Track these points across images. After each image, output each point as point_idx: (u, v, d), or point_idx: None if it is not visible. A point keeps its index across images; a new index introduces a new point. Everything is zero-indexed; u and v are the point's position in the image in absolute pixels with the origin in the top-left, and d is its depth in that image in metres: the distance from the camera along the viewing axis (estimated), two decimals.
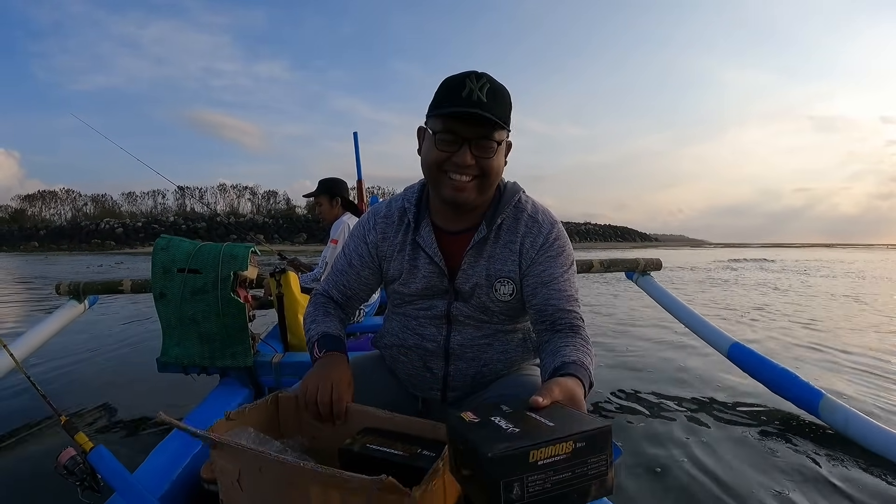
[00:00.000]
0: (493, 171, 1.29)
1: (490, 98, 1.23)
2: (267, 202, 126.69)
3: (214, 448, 1.08)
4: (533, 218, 1.40)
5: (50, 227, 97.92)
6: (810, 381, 2.75)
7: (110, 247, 78.74)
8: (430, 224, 1.42)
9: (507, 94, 1.29)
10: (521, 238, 1.38)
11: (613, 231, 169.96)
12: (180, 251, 2.20)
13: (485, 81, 1.23)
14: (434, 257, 1.40)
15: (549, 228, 1.39)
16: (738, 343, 3.16)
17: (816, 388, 2.66)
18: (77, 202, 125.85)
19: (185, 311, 2.18)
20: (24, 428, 2.59)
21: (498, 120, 1.23)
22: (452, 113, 1.23)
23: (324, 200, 3.86)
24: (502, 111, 1.26)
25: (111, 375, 3.55)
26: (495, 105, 1.23)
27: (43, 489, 1.96)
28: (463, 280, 1.40)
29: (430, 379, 1.49)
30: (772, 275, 15.73)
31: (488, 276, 1.38)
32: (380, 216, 1.49)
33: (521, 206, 1.42)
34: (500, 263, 1.38)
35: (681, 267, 19.33)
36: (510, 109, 1.30)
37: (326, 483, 0.93)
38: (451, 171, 1.28)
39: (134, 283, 3.30)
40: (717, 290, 10.62)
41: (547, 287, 1.35)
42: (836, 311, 7.33)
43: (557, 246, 1.38)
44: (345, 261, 1.54)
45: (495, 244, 1.39)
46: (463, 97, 1.22)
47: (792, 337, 5.16)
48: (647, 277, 3.88)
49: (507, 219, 1.40)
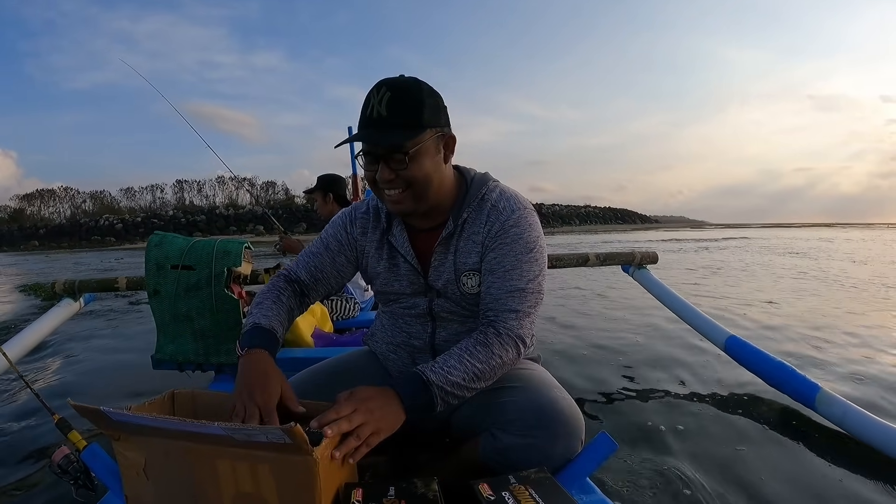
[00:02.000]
0: (417, 179, 1.28)
1: (391, 110, 1.22)
2: (266, 193, 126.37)
3: (117, 439, 1.09)
4: (495, 206, 1.38)
5: (49, 226, 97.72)
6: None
7: (110, 243, 78.63)
8: (401, 223, 1.44)
9: (416, 93, 1.26)
10: (483, 228, 1.37)
11: (613, 213, 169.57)
12: (174, 248, 2.20)
13: (385, 91, 1.23)
14: (407, 256, 1.42)
15: (507, 215, 1.36)
16: (734, 336, 3.16)
17: (813, 381, 2.66)
18: (76, 199, 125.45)
19: (180, 307, 2.17)
20: (18, 427, 2.58)
21: (398, 132, 1.23)
22: (354, 139, 1.28)
23: (318, 196, 3.93)
24: (408, 115, 1.24)
25: (106, 373, 3.55)
26: (398, 115, 1.23)
27: (38, 488, 1.96)
28: (435, 277, 1.41)
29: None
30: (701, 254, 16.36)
31: (455, 271, 1.39)
32: (360, 212, 1.52)
33: (486, 197, 1.40)
34: (464, 256, 1.38)
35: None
36: (422, 108, 1.25)
37: (234, 455, 0.98)
38: (382, 186, 1.30)
39: (129, 281, 3.29)
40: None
41: (492, 275, 1.34)
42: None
43: (514, 233, 1.35)
44: (321, 244, 1.53)
45: (460, 238, 1.39)
46: (367, 116, 1.25)
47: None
48: (643, 271, 3.88)
49: (472, 212, 1.39)
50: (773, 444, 2.35)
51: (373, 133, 1.24)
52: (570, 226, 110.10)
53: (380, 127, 1.23)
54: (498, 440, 1.32)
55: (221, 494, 1.02)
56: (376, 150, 1.27)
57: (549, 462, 1.26)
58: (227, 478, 1.01)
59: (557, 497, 1.07)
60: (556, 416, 1.28)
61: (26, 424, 2.61)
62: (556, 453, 1.28)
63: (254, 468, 0.98)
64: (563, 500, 1.06)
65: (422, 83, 1.29)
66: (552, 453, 1.28)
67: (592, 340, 4.47)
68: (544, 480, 1.13)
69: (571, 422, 1.29)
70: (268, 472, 0.98)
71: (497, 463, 1.32)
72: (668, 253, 17.99)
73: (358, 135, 1.26)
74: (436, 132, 1.30)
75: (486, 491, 1.08)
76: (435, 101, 1.29)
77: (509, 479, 1.13)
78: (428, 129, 1.27)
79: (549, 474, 1.17)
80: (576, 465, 1.30)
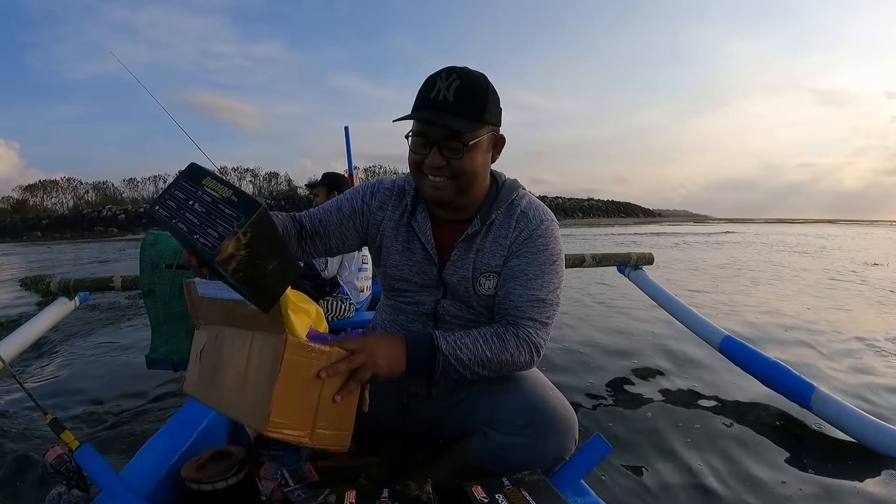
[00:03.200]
0: (466, 171, 1.29)
1: (458, 97, 1.23)
2: (269, 184, 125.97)
3: (198, 328, 1.29)
4: (525, 214, 1.40)
5: (52, 217, 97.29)
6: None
7: (113, 234, 78.32)
8: (426, 210, 1.44)
9: (483, 86, 1.27)
10: (511, 233, 1.38)
11: (616, 207, 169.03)
12: (168, 247, 2.19)
13: (454, 78, 1.24)
14: (426, 244, 1.42)
15: (536, 224, 1.38)
16: (729, 336, 3.16)
17: (808, 381, 2.67)
18: (78, 190, 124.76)
19: (174, 307, 2.17)
20: (11, 426, 2.57)
21: (462, 121, 1.24)
22: (416, 118, 1.27)
23: (322, 192, 3.93)
24: (473, 108, 1.25)
25: (99, 373, 3.54)
26: (464, 104, 1.24)
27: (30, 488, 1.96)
28: (451, 272, 1.41)
29: (413, 380, 1.49)
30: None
31: (475, 270, 1.39)
32: (384, 187, 1.50)
33: (516, 203, 1.41)
34: (487, 258, 1.38)
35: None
36: (487, 104, 1.27)
37: (245, 336, 1.15)
38: (427, 171, 1.30)
39: (124, 280, 3.28)
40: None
41: (514, 281, 1.35)
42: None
43: (541, 243, 1.37)
44: (334, 204, 1.51)
45: (485, 238, 1.39)
46: (430, 98, 1.24)
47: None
48: (638, 272, 3.89)
49: (501, 214, 1.40)
50: (769, 445, 2.36)
51: (437, 114, 1.24)
52: (572, 219, 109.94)
53: (444, 110, 1.23)
54: (490, 440, 1.33)
55: (229, 367, 1.16)
56: (433, 133, 1.26)
57: (542, 461, 1.27)
58: (238, 353, 1.15)
59: (551, 499, 1.07)
60: (548, 415, 1.29)
61: (19, 424, 2.60)
62: (549, 452, 1.29)
63: (252, 345, 1.13)
64: (558, 503, 1.06)
65: (488, 81, 1.29)
66: (545, 452, 1.29)
67: (587, 341, 4.47)
68: (538, 483, 1.13)
69: (564, 421, 1.30)
70: (258, 349, 1.11)
71: (490, 463, 1.33)
72: (685, 248, 17.88)
73: (421, 114, 1.26)
74: (491, 130, 1.31)
75: (480, 493, 1.08)
76: (496, 100, 1.31)
77: (503, 481, 1.13)
78: (487, 125, 1.28)
79: (544, 476, 1.17)
80: (570, 467, 1.31)
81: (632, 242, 21.19)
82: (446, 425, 1.52)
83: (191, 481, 1.43)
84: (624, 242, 21.32)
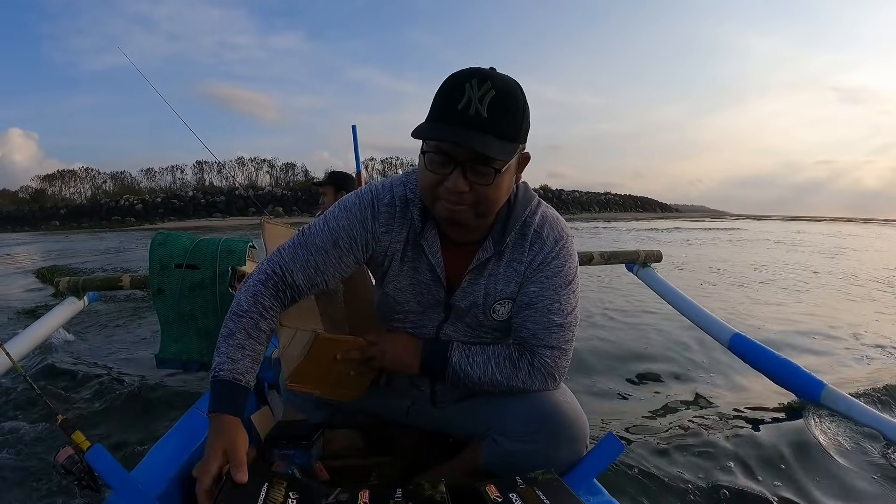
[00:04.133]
0: (492, 198, 1.14)
1: (493, 111, 1.04)
2: (285, 175, 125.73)
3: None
4: (538, 234, 1.27)
5: (70, 206, 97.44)
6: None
7: (130, 223, 78.38)
8: (435, 227, 1.28)
9: (519, 97, 1.09)
10: (525, 257, 1.27)
11: (633, 201, 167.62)
12: (178, 247, 2.19)
13: (488, 88, 1.03)
14: (437, 267, 1.29)
15: (551, 246, 1.27)
16: (738, 334, 3.15)
17: (817, 377, 2.65)
18: (96, 180, 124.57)
19: (184, 306, 2.17)
20: (21, 426, 2.58)
21: (499, 143, 1.05)
22: (443, 137, 1.07)
23: (329, 191, 3.88)
24: (510, 125, 1.07)
25: (109, 372, 3.54)
26: (500, 120, 1.05)
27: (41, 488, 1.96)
28: (461, 297, 1.31)
29: (417, 393, 1.49)
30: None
31: (486, 296, 1.30)
32: (383, 203, 1.28)
33: (529, 222, 1.27)
34: (502, 284, 1.30)
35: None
36: (523, 118, 1.10)
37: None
38: (443, 195, 1.13)
39: (133, 279, 3.28)
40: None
41: (530, 309, 1.28)
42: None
43: (555, 265, 1.27)
44: (328, 238, 1.27)
45: (498, 263, 1.29)
46: (459, 110, 1.04)
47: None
48: (647, 269, 3.86)
49: (514, 236, 1.27)
50: (780, 443, 2.33)
51: (469, 134, 1.04)
52: (589, 212, 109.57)
53: (476, 128, 1.04)
54: (500, 446, 1.31)
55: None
56: (460, 153, 1.07)
57: (553, 466, 1.24)
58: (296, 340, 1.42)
59: (566, 499, 1.06)
60: (558, 420, 1.26)
61: (29, 424, 2.60)
62: (561, 457, 1.27)
63: (299, 335, 1.41)
64: (572, 502, 1.05)
65: (523, 91, 1.11)
66: (556, 458, 1.26)
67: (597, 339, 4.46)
68: (552, 482, 1.12)
69: (575, 426, 1.27)
70: (302, 337, 1.38)
71: (500, 468, 1.31)
72: (702, 245, 17.70)
73: (450, 130, 1.05)
74: (521, 150, 1.16)
75: (494, 493, 1.08)
76: (529, 115, 1.12)
77: (517, 480, 1.13)
78: (520, 144, 1.13)
79: (557, 476, 1.16)
80: (583, 466, 1.29)
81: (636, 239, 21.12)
82: (454, 427, 1.51)
83: None
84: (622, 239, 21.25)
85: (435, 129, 1.08)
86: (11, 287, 8.90)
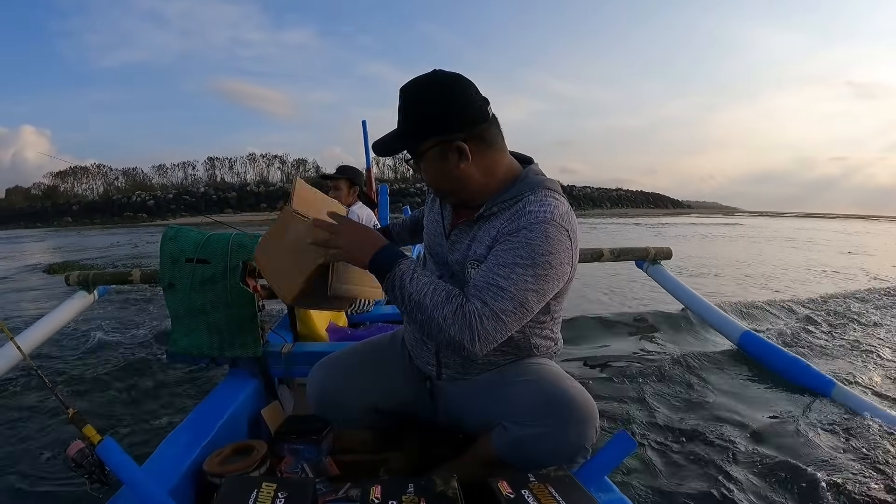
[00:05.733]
0: (439, 179, 1.38)
1: (400, 117, 1.36)
2: (296, 170, 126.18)
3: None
4: (523, 209, 1.30)
5: (82, 203, 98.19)
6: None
7: (142, 219, 79.10)
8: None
9: (414, 98, 1.34)
10: (503, 225, 1.31)
11: (645, 197, 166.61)
12: (188, 241, 2.19)
13: (400, 97, 1.34)
14: (445, 218, 1.50)
15: (528, 219, 1.26)
16: (748, 331, 3.14)
17: (828, 376, 2.64)
18: (108, 177, 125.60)
19: (194, 301, 2.17)
20: (33, 421, 2.59)
21: (397, 142, 1.38)
22: (374, 148, 1.43)
23: (343, 185, 3.87)
24: (408, 123, 1.35)
25: (120, 366, 3.55)
26: (403, 123, 1.36)
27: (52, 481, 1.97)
28: (450, 251, 1.45)
29: (426, 352, 1.52)
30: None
31: (466, 255, 1.38)
32: (429, 193, 1.61)
33: (525, 200, 1.32)
34: (477, 246, 1.36)
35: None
36: (418, 113, 1.34)
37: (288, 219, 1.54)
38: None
39: (143, 274, 3.30)
40: None
41: (485, 264, 1.28)
42: None
43: (524, 235, 1.25)
44: (418, 212, 1.86)
45: (482, 227, 1.36)
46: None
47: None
48: (657, 266, 3.85)
49: (502, 207, 1.34)
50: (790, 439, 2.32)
51: (383, 140, 1.39)
52: (600, 209, 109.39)
53: (392, 134, 1.38)
54: (510, 432, 1.32)
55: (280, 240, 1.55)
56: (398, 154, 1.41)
57: (563, 451, 1.27)
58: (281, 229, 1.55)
59: (578, 495, 1.06)
60: (566, 403, 1.28)
61: (40, 417, 2.62)
62: (570, 441, 1.28)
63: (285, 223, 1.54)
64: (584, 499, 1.05)
65: (432, 87, 1.33)
66: (565, 441, 1.28)
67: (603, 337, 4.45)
68: (564, 478, 1.12)
69: (583, 409, 1.28)
70: (284, 222, 1.54)
71: (512, 455, 1.33)
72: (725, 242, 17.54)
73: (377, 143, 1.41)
74: (436, 142, 1.33)
75: (506, 489, 1.07)
76: (441, 109, 1.31)
77: (529, 476, 1.12)
78: (428, 139, 1.34)
79: (569, 472, 1.16)
80: (594, 463, 1.29)
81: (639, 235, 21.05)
82: (467, 420, 1.52)
83: (213, 475, 1.43)
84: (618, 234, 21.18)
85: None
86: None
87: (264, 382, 2.20)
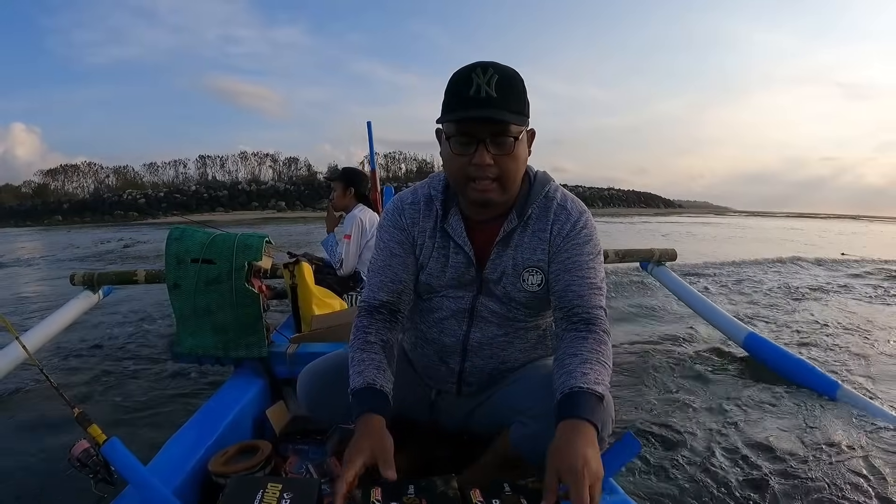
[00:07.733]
0: (513, 168, 1.27)
1: (500, 91, 1.20)
2: (288, 169, 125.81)
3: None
4: (562, 206, 1.38)
5: (73, 201, 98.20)
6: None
7: (133, 217, 79.15)
8: (458, 212, 1.40)
9: (519, 80, 1.25)
10: (550, 226, 1.36)
11: (637, 196, 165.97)
12: (194, 241, 2.19)
13: (492, 73, 1.20)
14: (464, 246, 1.38)
15: (577, 216, 1.37)
16: (753, 333, 3.14)
17: (832, 378, 2.63)
18: (99, 175, 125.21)
19: (199, 301, 2.17)
20: (37, 420, 2.60)
21: (511, 115, 1.21)
22: (462, 118, 1.23)
23: (338, 187, 3.85)
24: (516, 101, 1.23)
25: (125, 365, 3.56)
26: (507, 97, 1.21)
27: (56, 481, 1.97)
28: (491, 269, 1.39)
29: (446, 373, 1.48)
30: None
31: (515, 266, 1.37)
32: (406, 203, 1.45)
33: (551, 196, 1.39)
34: (528, 252, 1.37)
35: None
36: (525, 96, 1.26)
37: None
38: (472, 174, 1.26)
39: (148, 274, 3.31)
40: None
41: (570, 273, 1.33)
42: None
43: (585, 234, 1.36)
44: (385, 255, 1.43)
45: (523, 233, 1.38)
46: (471, 95, 1.20)
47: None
48: (661, 268, 3.85)
49: (537, 208, 1.38)
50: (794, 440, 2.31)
51: (486, 110, 1.19)
52: (592, 208, 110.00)
53: (490, 106, 1.19)
54: (527, 427, 1.31)
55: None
56: (480, 131, 1.22)
57: None
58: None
59: None
60: None
61: (45, 417, 2.62)
62: None
63: None
64: None
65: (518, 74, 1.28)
66: None
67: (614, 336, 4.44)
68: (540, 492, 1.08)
69: None
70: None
71: (528, 450, 1.31)
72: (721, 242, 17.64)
73: (469, 112, 1.21)
74: (528, 125, 1.29)
75: (477, 497, 1.07)
76: (528, 95, 1.28)
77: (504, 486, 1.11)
78: (527, 118, 1.27)
79: None
80: None
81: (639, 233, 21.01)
82: (474, 422, 1.51)
83: (218, 475, 1.44)
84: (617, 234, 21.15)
85: (455, 115, 1.23)
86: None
87: (269, 383, 2.21)
